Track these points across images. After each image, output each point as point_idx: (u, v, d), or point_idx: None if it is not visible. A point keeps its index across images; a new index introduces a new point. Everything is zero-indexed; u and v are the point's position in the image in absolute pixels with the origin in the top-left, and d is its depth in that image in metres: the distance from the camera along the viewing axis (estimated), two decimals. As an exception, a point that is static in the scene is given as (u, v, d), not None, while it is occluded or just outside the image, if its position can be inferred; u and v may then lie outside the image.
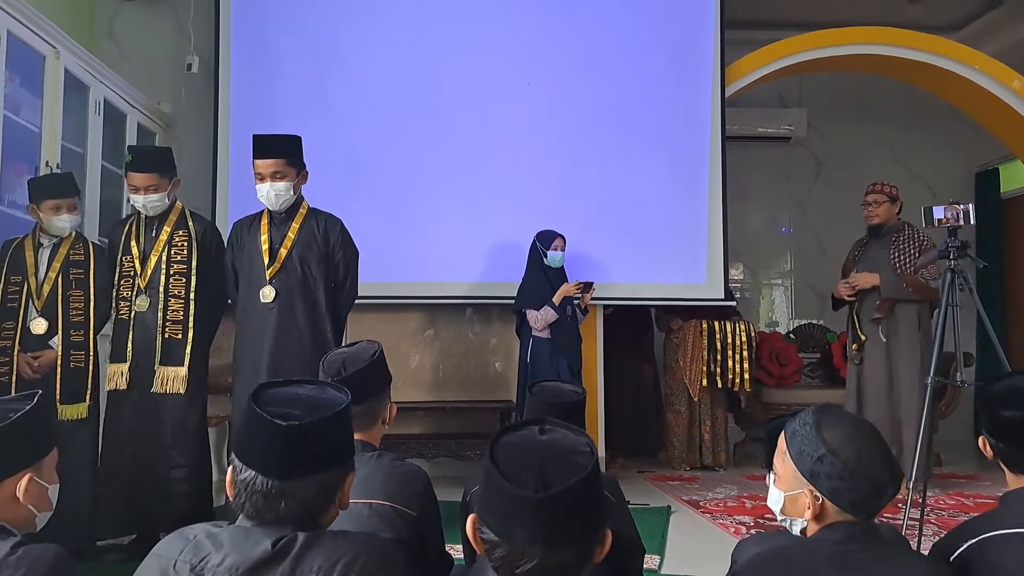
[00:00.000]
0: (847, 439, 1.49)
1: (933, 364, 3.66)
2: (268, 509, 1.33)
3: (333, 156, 4.92)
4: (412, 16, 5.29)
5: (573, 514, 1.15)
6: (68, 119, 4.20)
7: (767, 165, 7.17)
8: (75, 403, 3.41)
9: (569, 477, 1.15)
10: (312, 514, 1.37)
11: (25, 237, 3.51)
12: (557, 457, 1.19)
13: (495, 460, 1.18)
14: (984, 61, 5.65)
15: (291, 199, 3.58)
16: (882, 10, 6.17)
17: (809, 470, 1.51)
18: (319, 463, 1.36)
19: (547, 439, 1.23)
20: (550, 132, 5.29)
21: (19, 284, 3.41)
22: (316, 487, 1.35)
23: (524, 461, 1.18)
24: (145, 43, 5.54)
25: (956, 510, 4.51)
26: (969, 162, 7.31)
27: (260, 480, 1.33)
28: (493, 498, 1.17)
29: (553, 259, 4.73)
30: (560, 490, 1.13)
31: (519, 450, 1.20)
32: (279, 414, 1.34)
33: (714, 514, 4.40)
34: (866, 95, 7.09)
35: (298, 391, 1.45)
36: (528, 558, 1.14)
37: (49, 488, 1.67)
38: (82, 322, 3.46)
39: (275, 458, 1.33)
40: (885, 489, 1.49)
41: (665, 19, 5.43)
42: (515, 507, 1.14)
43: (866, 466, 1.48)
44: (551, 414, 2.01)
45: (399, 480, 1.89)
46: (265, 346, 3.52)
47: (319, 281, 3.58)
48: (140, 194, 3.53)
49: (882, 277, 4.73)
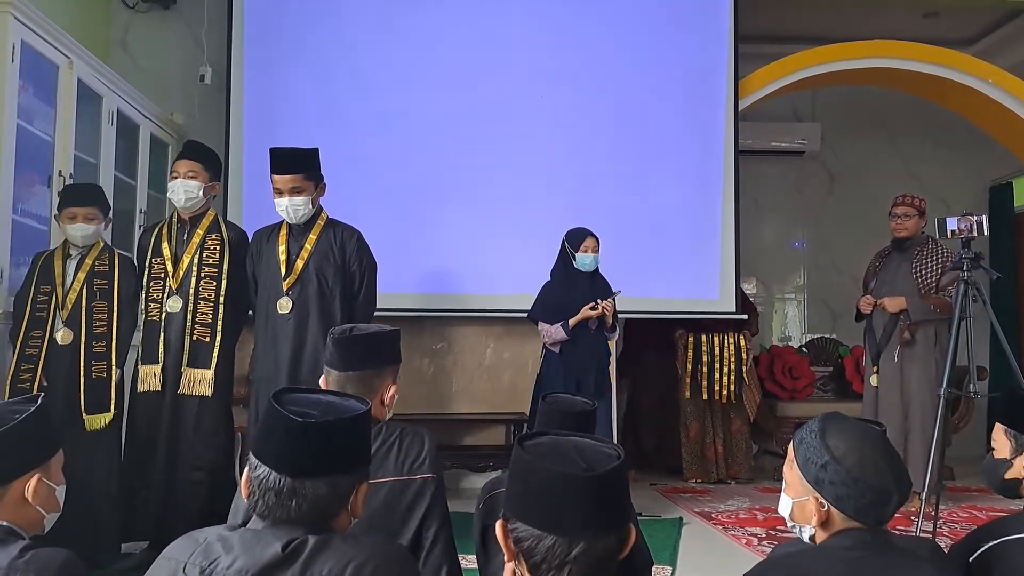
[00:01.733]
0: (851, 446, 1.50)
1: (946, 376, 3.65)
2: (279, 507, 1.34)
3: (345, 167, 4.91)
4: (425, 28, 5.30)
5: (617, 495, 1.18)
6: (81, 129, 4.21)
7: (780, 179, 7.15)
8: (101, 413, 3.43)
9: (608, 462, 1.18)
10: (323, 517, 1.36)
11: (56, 248, 3.55)
12: (589, 448, 1.22)
13: (533, 455, 1.19)
14: (998, 75, 5.63)
15: (310, 212, 3.60)
16: (896, 24, 6.16)
17: (814, 477, 1.52)
18: (332, 464, 1.37)
19: (570, 439, 1.25)
20: (564, 145, 5.29)
21: (48, 294, 3.44)
22: (328, 489, 1.36)
23: (561, 452, 1.20)
24: (158, 54, 5.57)
25: (969, 523, 4.48)
26: (983, 176, 7.28)
27: (273, 477, 1.34)
28: (536, 490, 1.17)
29: (583, 262, 4.27)
30: (608, 470, 1.16)
31: (551, 446, 1.22)
32: (297, 412, 1.36)
33: (726, 526, 4.37)
34: (880, 109, 7.07)
35: (320, 397, 1.48)
36: (576, 545, 1.14)
37: (56, 489, 1.68)
38: (104, 333, 3.48)
39: (289, 455, 1.35)
40: (890, 497, 1.48)
41: (679, 33, 5.44)
42: (565, 490, 1.15)
43: (869, 473, 1.48)
44: (563, 424, 2.03)
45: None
46: (282, 357, 3.53)
47: (335, 293, 3.59)
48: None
49: (909, 302, 4.69)
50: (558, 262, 4.38)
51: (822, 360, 6.66)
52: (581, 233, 4.31)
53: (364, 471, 1.44)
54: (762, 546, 3.94)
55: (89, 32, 5.07)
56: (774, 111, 6.85)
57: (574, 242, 4.31)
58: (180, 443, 3.50)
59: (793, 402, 6.16)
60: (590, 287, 4.28)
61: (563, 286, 4.30)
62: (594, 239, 4.31)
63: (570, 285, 4.28)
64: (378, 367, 2.05)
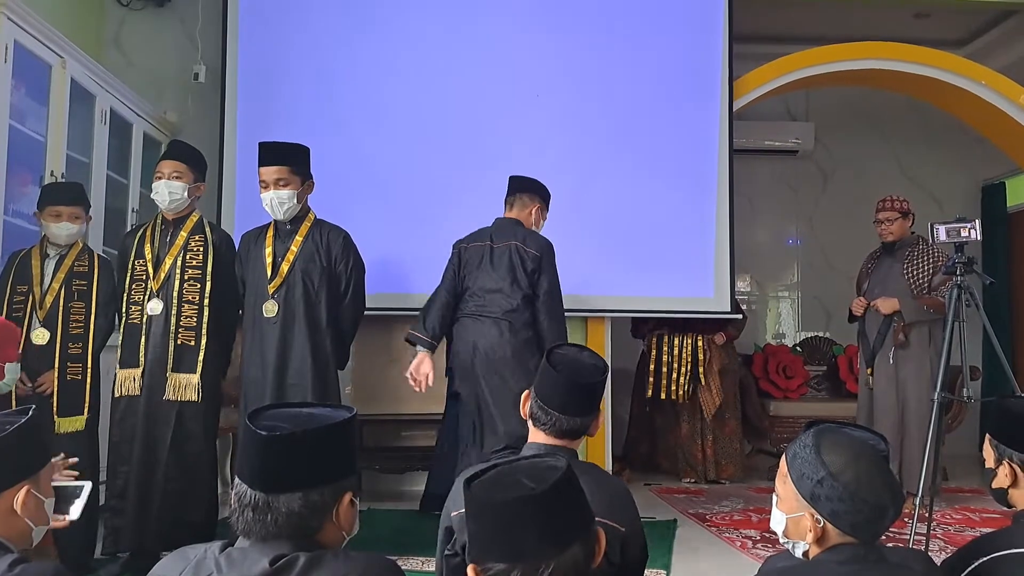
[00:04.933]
0: (847, 462, 1.49)
1: (939, 379, 3.66)
2: (257, 523, 1.33)
3: (340, 166, 4.91)
4: (421, 27, 5.28)
5: (569, 504, 1.21)
6: (74, 128, 4.19)
7: (774, 178, 7.17)
8: (73, 416, 3.37)
9: (552, 475, 1.21)
10: (303, 532, 1.35)
11: (33, 247, 3.49)
12: (533, 468, 1.26)
13: (480, 492, 1.23)
14: (991, 76, 5.64)
15: (295, 208, 3.56)
16: (889, 25, 6.17)
17: (810, 493, 1.51)
18: (303, 479, 1.35)
19: (516, 464, 1.30)
20: (559, 145, 5.28)
21: (24, 294, 3.39)
22: (301, 504, 1.33)
23: (508, 481, 1.23)
24: (152, 52, 5.54)
25: (962, 524, 4.49)
26: (976, 176, 7.31)
27: (249, 493, 1.34)
28: (491, 525, 1.20)
29: None
30: (551, 483, 1.19)
31: (495, 480, 1.26)
32: (267, 426, 1.35)
33: (720, 527, 4.38)
34: (873, 109, 7.09)
35: (303, 409, 1.45)
36: (543, 567, 1.15)
37: (46, 501, 1.66)
38: (81, 334, 3.43)
39: (259, 470, 1.34)
40: (886, 512, 1.48)
41: (674, 33, 5.43)
42: (518, 515, 1.17)
43: (866, 489, 1.47)
44: (571, 392, 1.95)
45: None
46: (269, 360, 3.51)
47: (321, 295, 3.56)
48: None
49: (902, 303, 4.69)
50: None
51: (816, 359, 6.68)
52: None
53: (347, 483, 1.40)
54: (756, 549, 3.94)
55: (82, 30, 5.05)
56: (768, 110, 6.87)
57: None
58: (158, 450, 3.41)
59: (787, 401, 6.18)
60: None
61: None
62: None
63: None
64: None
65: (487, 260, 3.80)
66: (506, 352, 3.65)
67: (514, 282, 3.73)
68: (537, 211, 4.03)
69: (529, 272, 3.74)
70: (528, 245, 3.79)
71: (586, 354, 2.09)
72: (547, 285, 3.76)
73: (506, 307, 3.70)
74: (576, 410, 1.95)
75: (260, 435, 1.33)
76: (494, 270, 3.77)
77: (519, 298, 3.71)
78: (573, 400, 1.95)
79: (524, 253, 3.77)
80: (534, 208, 4.01)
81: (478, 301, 3.75)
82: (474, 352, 3.68)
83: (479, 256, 3.82)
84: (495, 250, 3.81)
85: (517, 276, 3.74)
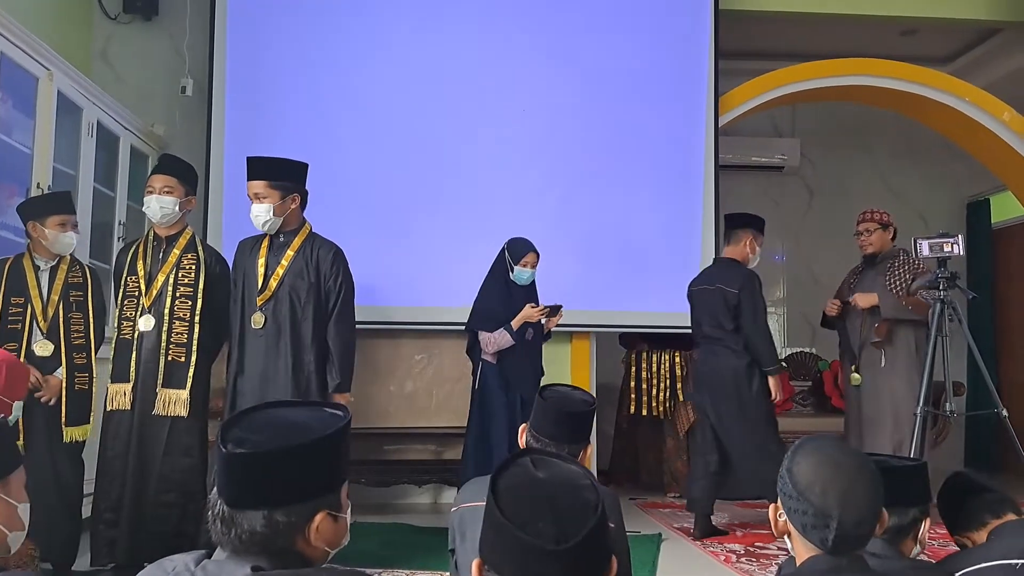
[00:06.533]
0: (810, 464, 1.50)
1: (922, 394, 3.68)
2: (225, 534, 1.29)
3: (329, 179, 4.88)
4: (410, 40, 5.30)
5: (591, 557, 1.12)
6: (60, 141, 4.18)
7: (760, 194, 7.20)
8: (81, 424, 3.42)
9: (585, 521, 1.11)
10: (272, 549, 1.28)
11: (21, 257, 3.47)
12: (566, 497, 1.14)
13: (502, 509, 1.12)
14: (975, 93, 5.70)
15: (275, 222, 3.56)
16: (875, 42, 6.22)
17: (779, 486, 1.55)
18: (265, 498, 1.27)
19: (546, 476, 1.17)
20: (545, 159, 5.30)
21: (22, 306, 3.37)
22: (263, 523, 1.26)
23: (535, 508, 1.12)
24: (139, 65, 5.54)
25: (946, 539, 4.48)
26: (961, 192, 7.37)
27: (219, 505, 1.30)
28: (507, 548, 1.12)
29: (520, 276, 4.18)
30: (582, 538, 1.10)
31: (525, 496, 1.15)
32: (236, 438, 1.29)
33: (705, 542, 4.37)
34: (859, 125, 7.14)
35: (289, 416, 1.37)
36: None
37: (19, 507, 1.62)
38: (84, 344, 3.47)
39: (224, 483, 1.30)
40: (828, 520, 1.45)
41: (660, 49, 5.47)
42: (535, 559, 1.09)
43: (813, 492, 1.47)
44: (560, 422, 2.15)
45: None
46: (254, 372, 3.51)
47: (307, 312, 3.55)
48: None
49: (881, 298, 4.67)
50: (495, 270, 4.26)
51: (801, 374, 6.70)
52: (524, 246, 4.20)
53: (320, 502, 1.31)
54: (741, 563, 3.94)
55: (69, 43, 5.04)
56: (754, 127, 6.91)
57: (516, 254, 4.20)
58: (150, 463, 3.44)
59: (773, 416, 6.16)
60: (526, 299, 4.21)
61: (501, 296, 4.18)
62: (535, 254, 4.22)
63: (509, 295, 4.18)
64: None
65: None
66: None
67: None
68: (751, 242, 4.61)
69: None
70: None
71: (577, 392, 2.33)
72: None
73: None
74: (566, 438, 2.14)
75: (221, 450, 1.28)
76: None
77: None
78: (562, 430, 2.15)
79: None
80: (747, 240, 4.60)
81: None
82: None
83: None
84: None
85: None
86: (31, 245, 3.47)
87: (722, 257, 4.75)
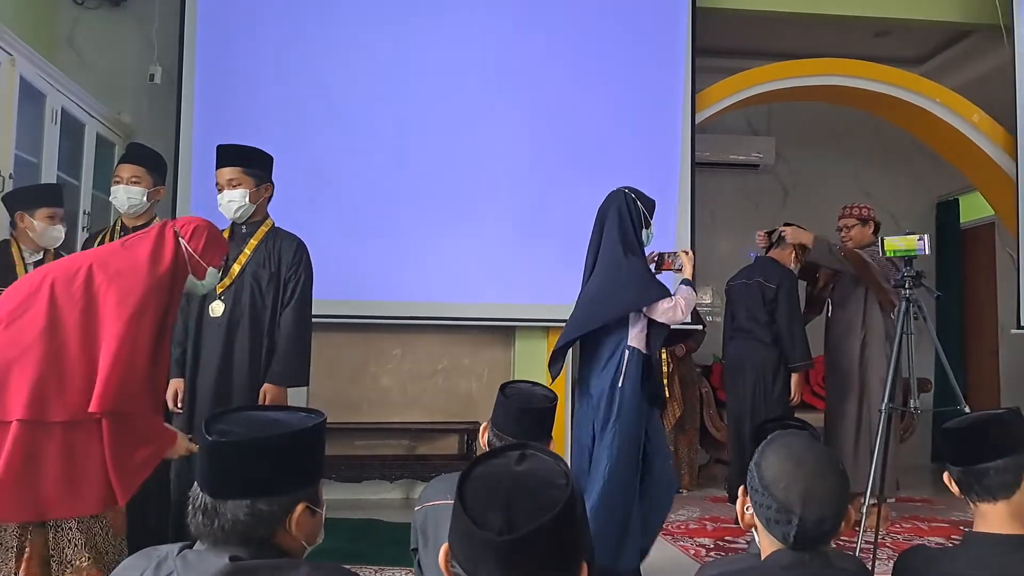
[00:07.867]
0: (777, 458, 1.50)
1: (887, 391, 3.70)
2: (207, 526, 1.32)
3: (300, 171, 4.83)
4: (383, 32, 5.24)
5: (542, 555, 1.06)
6: (23, 128, 4.06)
7: (736, 192, 7.21)
8: None
9: (538, 517, 1.06)
10: (253, 540, 1.32)
11: (8, 245, 3.39)
12: (527, 493, 1.09)
13: (463, 496, 1.10)
14: (945, 95, 5.74)
15: (248, 209, 3.47)
16: (850, 42, 6.25)
17: (747, 483, 1.55)
18: (250, 487, 1.32)
19: (522, 469, 1.13)
20: (521, 155, 5.26)
21: None
22: (247, 512, 1.31)
23: (491, 498, 1.09)
24: (107, 52, 5.42)
25: (911, 534, 4.53)
26: (931, 193, 7.43)
27: (201, 497, 1.33)
28: (461, 535, 1.10)
29: (650, 237, 3.51)
30: (526, 533, 1.05)
31: (489, 485, 1.12)
32: (221, 430, 1.33)
33: (675, 536, 4.38)
34: (833, 125, 7.18)
35: (268, 415, 1.43)
36: None
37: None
38: None
39: (206, 474, 1.34)
40: (790, 515, 1.44)
41: (637, 46, 5.45)
42: (481, 548, 1.07)
43: (776, 486, 1.46)
44: (521, 419, 2.15)
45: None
46: (213, 363, 3.40)
47: (267, 303, 3.46)
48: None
49: (814, 239, 4.65)
50: (626, 228, 3.47)
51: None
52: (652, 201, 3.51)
53: (301, 494, 1.36)
54: (710, 557, 3.94)
55: (34, 29, 4.92)
56: (730, 125, 6.93)
57: (651, 208, 3.53)
58: None
59: (745, 413, 6.17)
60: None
61: (642, 256, 3.49)
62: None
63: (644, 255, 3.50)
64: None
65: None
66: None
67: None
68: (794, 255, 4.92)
69: None
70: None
71: (539, 388, 2.30)
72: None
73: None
74: (528, 435, 2.07)
75: (207, 440, 1.32)
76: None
77: None
78: (523, 427, 2.14)
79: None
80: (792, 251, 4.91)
81: None
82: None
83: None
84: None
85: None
86: (15, 235, 3.38)
87: (766, 256, 4.97)
